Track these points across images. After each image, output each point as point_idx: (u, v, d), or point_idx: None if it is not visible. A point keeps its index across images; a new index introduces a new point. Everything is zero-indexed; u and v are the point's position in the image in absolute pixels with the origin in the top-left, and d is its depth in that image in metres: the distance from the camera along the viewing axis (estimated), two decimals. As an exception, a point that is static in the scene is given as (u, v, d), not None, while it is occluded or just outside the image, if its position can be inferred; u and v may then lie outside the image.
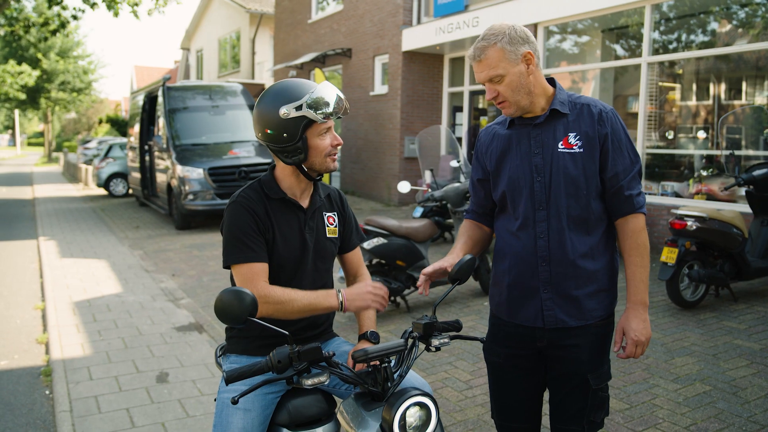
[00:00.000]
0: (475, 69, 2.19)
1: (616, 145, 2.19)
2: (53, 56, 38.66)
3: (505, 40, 2.12)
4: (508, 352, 2.33)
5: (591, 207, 2.20)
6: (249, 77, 24.27)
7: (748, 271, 5.91)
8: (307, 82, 2.21)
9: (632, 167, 2.21)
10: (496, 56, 2.13)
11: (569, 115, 2.22)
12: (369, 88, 14.97)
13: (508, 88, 2.15)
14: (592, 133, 2.18)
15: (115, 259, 9.17)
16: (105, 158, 19.71)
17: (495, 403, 2.43)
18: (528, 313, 2.26)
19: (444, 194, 6.42)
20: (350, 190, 15.73)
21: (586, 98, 2.26)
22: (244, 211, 2.21)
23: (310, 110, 2.13)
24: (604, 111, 2.21)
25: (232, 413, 2.17)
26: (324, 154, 2.23)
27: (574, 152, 2.18)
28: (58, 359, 5.05)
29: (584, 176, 2.17)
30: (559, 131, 2.21)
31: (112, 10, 16.02)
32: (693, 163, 8.98)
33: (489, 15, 11.13)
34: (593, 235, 2.22)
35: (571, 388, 2.24)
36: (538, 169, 2.21)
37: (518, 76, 2.15)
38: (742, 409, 3.83)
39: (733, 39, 8.49)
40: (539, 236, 2.21)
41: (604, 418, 2.29)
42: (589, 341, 2.23)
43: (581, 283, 2.20)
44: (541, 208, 2.20)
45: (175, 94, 13.07)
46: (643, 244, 2.21)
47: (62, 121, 59.70)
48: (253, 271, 2.17)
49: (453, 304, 6.21)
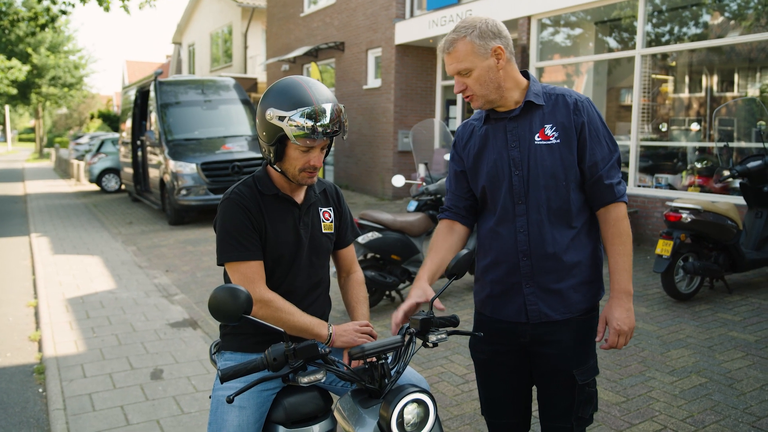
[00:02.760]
0: (445, 61, 2.18)
1: (593, 134, 2.17)
2: (44, 51, 38.34)
3: (475, 34, 2.11)
4: (492, 349, 2.32)
5: (571, 198, 2.17)
6: (241, 71, 24.17)
7: (742, 263, 5.92)
8: (314, 92, 2.11)
9: (611, 156, 2.19)
10: (465, 49, 2.11)
11: (545, 107, 2.19)
12: (362, 82, 14.92)
13: (476, 81, 2.14)
14: (568, 123, 2.16)
15: (108, 255, 9.12)
16: (97, 154, 19.60)
17: (483, 400, 2.43)
18: (511, 309, 2.24)
19: (439, 188, 6.40)
20: (344, 184, 15.70)
21: (561, 89, 2.24)
22: (238, 209, 2.19)
23: (291, 127, 2.07)
24: (579, 100, 2.18)
25: (227, 411, 2.16)
26: (297, 168, 2.19)
27: (551, 143, 2.16)
28: (51, 357, 5.01)
29: (563, 167, 2.15)
30: (535, 123, 2.18)
31: (103, 4, 15.86)
32: (686, 155, 8.99)
33: (482, 7, 11.09)
34: (574, 227, 2.20)
35: (558, 384, 2.24)
36: (516, 163, 2.19)
37: (486, 71, 2.13)
38: (738, 400, 3.84)
39: (725, 31, 8.49)
40: (519, 230, 2.19)
41: (592, 414, 2.29)
42: (573, 336, 2.22)
43: (563, 275, 2.19)
44: (520, 202, 2.19)
45: (167, 89, 12.99)
46: (625, 232, 2.18)
47: (53, 117, 59.35)
48: (252, 271, 2.17)
49: (448, 298, 6.20)
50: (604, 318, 2.20)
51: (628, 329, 2.16)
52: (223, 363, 2.32)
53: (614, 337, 2.17)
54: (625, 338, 2.17)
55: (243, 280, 2.15)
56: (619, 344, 2.18)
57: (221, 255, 2.19)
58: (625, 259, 2.18)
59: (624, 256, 2.18)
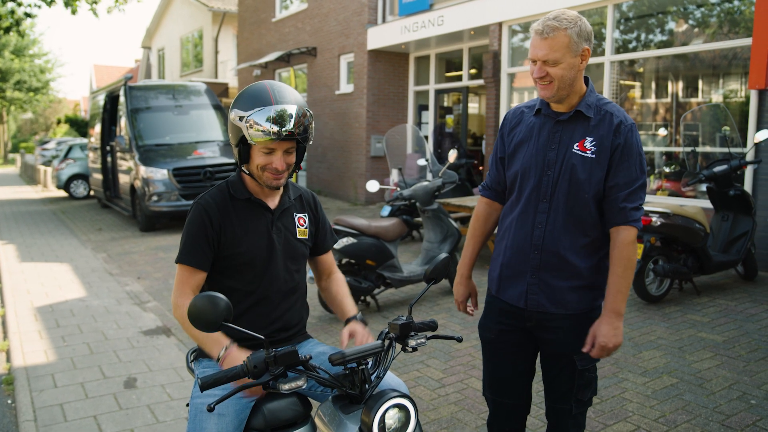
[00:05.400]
0: (536, 44, 2.22)
1: (624, 158, 2.24)
2: (8, 54, 37.59)
3: (575, 30, 2.18)
4: (500, 328, 2.46)
5: (590, 210, 2.27)
6: (212, 76, 23.97)
7: (710, 265, 6.05)
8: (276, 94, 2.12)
9: (635, 181, 2.26)
10: (563, 41, 2.18)
11: (592, 120, 2.28)
12: (334, 87, 14.92)
13: (559, 74, 2.20)
14: (607, 142, 2.25)
15: (77, 262, 8.97)
16: (65, 159, 19.25)
17: (487, 378, 2.56)
18: (514, 293, 2.39)
19: (413, 193, 6.42)
20: (317, 189, 15.66)
21: (613, 106, 2.32)
22: (200, 217, 2.24)
23: (250, 129, 2.09)
24: (623, 123, 2.26)
25: (206, 418, 2.14)
26: (259, 168, 2.19)
27: (586, 156, 2.25)
28: (20, 367, 4.91)
29: (589, 181, 2.25)
30: (578, 132, 2.28)
31: (70, 7, 15.60)
32: (654, 160, 9.17)
33: (454, 13, 11.19)
34: (588, 236, 2.30)
35: (560, 368, 2.37)
36: (550, 164, 2.29)
37: (570, 68, 2.21)
38: (708, 400, 3.92)
39: (690, 38, 8.68)
40: (537, 225, 2.32)
41: (592, 397, 2.42)
42: (572, 326, 2.34)
43: (566, 276, 2.30)
44: (544, 200, 2.30)
45: (137, 94, 12.83)
46: (627, 257, 2.25)
47: (18, 122, 58.16)
48: (186, 276, 2.24)
49: (424, 303, 6.23)
50: (593, 332, 2.28)
51: (612, 346, 2.26)
52: (202, 371, 2.30)
53: (598, 351, 2.27)
54: (608, 353, 2.28)
55: (178, 282, 2.25)
56: (601, 357, 2.29)
57: (179, 254, 2.26)
58: (622, 282, 2.25)
59: (622, 278, 2.25)
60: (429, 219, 6.52)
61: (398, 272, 6.02)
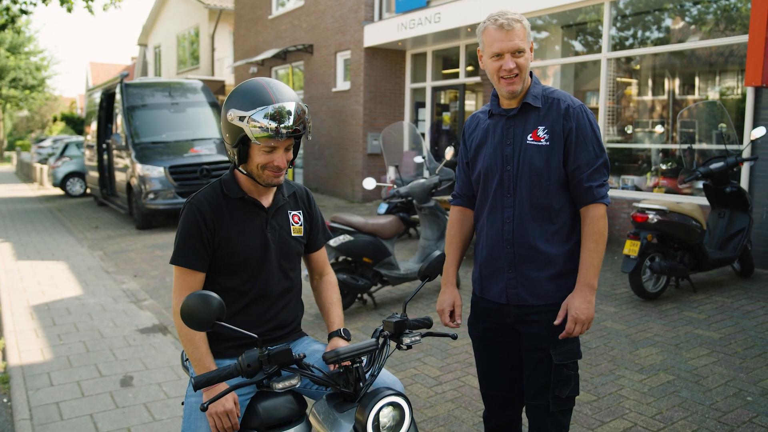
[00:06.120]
0: (502, 37, 2.26)
1: (580, 139, 2.30)
2: (3, 52, 37.44)
3: (526, 23, 2.29)
4: (485, 326, 2.52)
5: (553, 197, 2.33)
6: (209, 74, 23.92)
7: (706, 262, 6.06)
8: (275, 92, 2.11)
9: (595, 160, 2.32)
10: (523, 32, 2.27)
11: (541, 109, 2.34)
12: (331, 85, 14.89)
13: (524, 64, 2.29)
14: (558, 127, 2.31)
15: (74, 260, 8.95)
16: (61, 157, 19.20)
17: (479, 373, 2.63)
18: (495, 290, 2.44)
19: (409, 190, 6.41)
20: (313, 186, 15.64)
21: (559, 93, 2.38)
22: (193, 217, 2.21)
23: (252, 128, 2.07)
24: (571, 106, 2.33)
25: (200, 417, 2.14)
26: (260, 167, 2.18)
27: (540, 145, 2.31)
28: (16, 365, 4.90)
29: (548, 168, 2.31)
30: (530, 124, 2.34)
31: (66, 5, 15.55)
32: (650, 157, 9.17)
33: (451, 11, 11.16)
34: (555, 223, 2.35)
35: (536, 362, 2.38)
36: (508, 159, 2.36)
37: (527, 59, 2.30)
38: (705, 396, 3.93)
39: (686, 35, 8.68)
40: (506, 221, 2.37)
41: (573, 397, 2.38)
42: (550, 318, 2.35)
43: (540, 266, 2.35)
44: (508, 195, 2.36)
45: (133, 91, 12.79)
46: (598, 231, 2.31)
47: (14, 119, 57.97)
48: (183, 278, 2.21)
49: (420, 300, 6.22)
50: (565, 306, 2.32)
51: (585, 318, 2.28)
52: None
53: (571, 324, 2.29)
54: (581, 327, 2.29)
55: (176, 286, 2.22)
56: (575, 332, 2.29)
57: (173, 256, 2.24)
58: (594, 256, 2.31)
59: (594, 252, 2.31)
60: (426, 216, 6.51)
61: (395, 270, 6.02)
